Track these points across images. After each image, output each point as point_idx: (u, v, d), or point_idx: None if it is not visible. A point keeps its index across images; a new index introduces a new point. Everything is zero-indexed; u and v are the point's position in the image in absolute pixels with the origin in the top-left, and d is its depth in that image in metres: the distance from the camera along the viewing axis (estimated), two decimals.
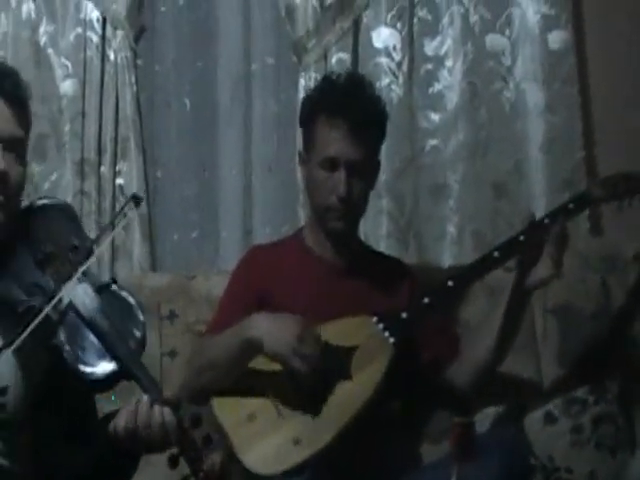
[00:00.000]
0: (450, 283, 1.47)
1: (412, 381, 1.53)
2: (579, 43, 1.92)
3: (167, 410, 1.07)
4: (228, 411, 1.39)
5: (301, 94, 1.86)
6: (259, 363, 1.41)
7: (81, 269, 1.13)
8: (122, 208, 1.23)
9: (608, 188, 1.54)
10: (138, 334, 1.14)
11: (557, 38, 1.90)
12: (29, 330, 1.06)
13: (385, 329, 1.44)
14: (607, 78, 1.91)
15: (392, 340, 1.43)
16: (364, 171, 1.48)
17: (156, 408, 1.07)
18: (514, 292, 1.47)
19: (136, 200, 1.19)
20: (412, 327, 1.47)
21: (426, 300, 1.46)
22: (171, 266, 1.99)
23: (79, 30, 1.95)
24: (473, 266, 1.51)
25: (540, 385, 1.68)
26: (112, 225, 1.25)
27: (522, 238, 1.46)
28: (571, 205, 1.51)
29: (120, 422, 1.08)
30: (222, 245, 2.01)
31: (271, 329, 1.37)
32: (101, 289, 1.16)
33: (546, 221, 1.46)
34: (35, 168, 1.92)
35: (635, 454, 1.58)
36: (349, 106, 1.45)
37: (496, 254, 1.47)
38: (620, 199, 1.54)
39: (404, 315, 1.45)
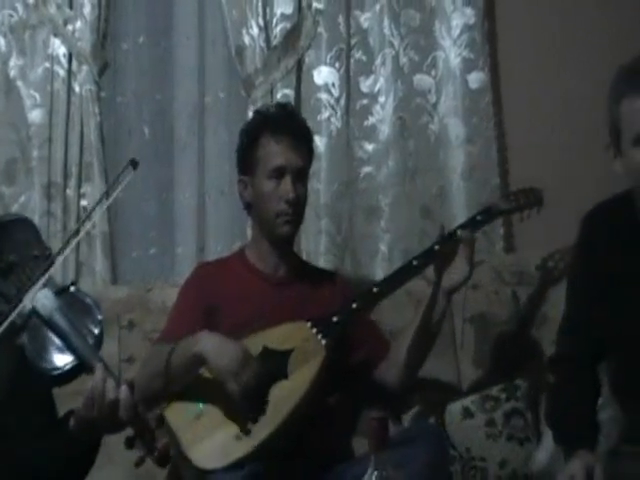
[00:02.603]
0: (375, 289, 1.58)
1: (346, 379, 1.61)
2: (495, 83, 2.07)
3: (124, 388, 1.13)
4: (176, 412, 1.47)
5: None
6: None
7: (44, 276, 1.17)
8: (122, 172, 1.28)
9: (511, 201, 1.66)
10: (96, 331, 1.18)
11: (476, 78, 2.04)
12: None
13: (318, 332, 1.53)
14: (519, 113, 2.08)
15: (324, 342, 1.52)
16: (305, 177, 1.63)
17: (110, 381, 1.13)
18: (433, 295, 1.59)
19: (134, 163, 1.26)
20: (343, 329, 1.56)
21: (354, 305, 1.56)
22: (131, 280, 2.07)
23: (47, 64, 2.05)
24: (395, 274, 1.62)
25: (458, 385, 1.82)
26: (78, 230, 1.31)
27: (437, 248, 1.58)
28: (479, 217, 1.63)
29: (88, 393, 1.14)
30: (178, 260, 2.11)
31: (218, 348, 1.45)
32: (60, 292, 1.20)
33: (458, 232, 1.58)
34: (5, 190, 2.03)
35: (540, 444, 1.69)
36: (289, 123, 1.61)
37: (415, 262, 1.59)
38: (521, 211, 1.67)
39: (335, 319, 1.55)
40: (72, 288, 1.23)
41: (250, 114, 2.04)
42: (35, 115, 2.06)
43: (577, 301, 1.50)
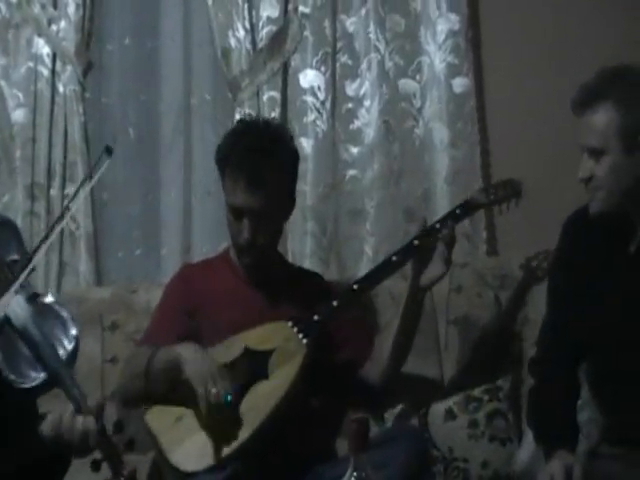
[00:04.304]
0: (355, 287, 1.58)
1: (329, 379, 1.60)
2: (478, 88, 2.08)
3: (89, 419, 1.11)
4: (157, 415, 1.48)
5: None
6: None
7: (19, 280, 1.15)
8: (98, 159, 1.26)
9: (489, 194, 1.67)
10: (69, 346, 1.16)
11: (460, 83, 2.05)
12: None
13: (299, 331, 1.53)
14: (502, 118, 2.10)
15: (305, 341, 1.52)
16: (267, 218, 1.55)
17: (79, 418, 1.11)
18: (411, 291, 1.58)
19: (108, 150, 1.24)
20: (324, 328, 1.56)
21: (335, 303, 1.56)
22: (115, 281, 2.07)
23: (30, 64, 2.05)
24: (374, 270, 1.62)
25: (442, 386, 1.83)
26: (62, 215, 1.29)
27: (416, 243, 1.57)
28: (458, 210, 1.62)
29: (45, 428, 1.12)
30: (163, 261, 2.11)
31: (195, 357, 1.46)
32: (36, 302, 1.18)
33: (437, 226, 1.57)
34: None
35: (522, 445, 1.71)
36: (250, 163, 1.53)
37: (394, 258, 1.58)
38: (500, 203, 1.67)
39: (316, 317, 1.55)
40: (49, 298, 1.21)
41: (236, 116, 2.05)
42: (18, 115, 2.06)
43: (557, 304, 1.53)
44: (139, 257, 2.13)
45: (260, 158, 1.55)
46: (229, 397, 1.41)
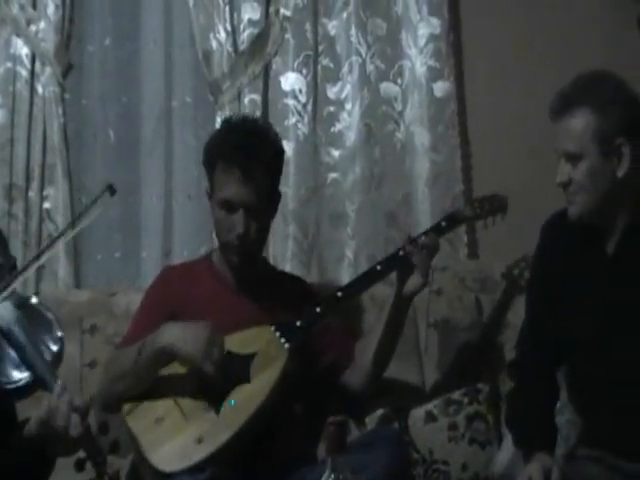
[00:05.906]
0: (339, 294, 1.60)
1: (311, 384, 1.62)
2: (459, 92, 2.09)
3: (75, 416, 1.11)
4: (137, 417, 1.48)
5: None
6: (165, 369, 1.50)
7: (9, 289, 1.15)
8: (97, 197, 1.28)
9: (475, 208, 1.71)
10: (55, 348, 1.17)
11: (441, 87, 2.05)
12: None
13: (282, 336, 1.54)
14: (483, 122, 2.12)
15: (287, 345, 1.54)
16: (258, 213, 1.57)
17: (62, 406, 1.10)
18: (395, 301, 1.61)
19: (111, 190, 1.26)
20: (307, 333, 1.57)
21: (318, 309, 1.58)
22: (95, 284, 2.06)
23: (9, 64, 2.03)
24: (359, 279, 1.64)
25: (422, 389, 1.84)
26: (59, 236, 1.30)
27: (401, 253, 1.60)
28: (443, 223, 1.66)
29: (38, 414, 1.12)
30: (143, 264, 2.10)
31: (183, 335, 1.47)
32: (21, 304, 1.19)
33: (422, 238, 1.61)
34: None
35: (501, 447, 1.71)
36: (243, 155, 1.54)
37: (379, 267, 1.61)
38: (485, 218, 1.71)
39: (299, 323, 1.56)
40: (34, 300, 1.21)
41: (217, 119, 2.05)
42: None
43: (536, 307, 1.55)
44: (119, 260, 2.12)
45: (250, 154, 1.56)
46: (232, 402, 1.44)
